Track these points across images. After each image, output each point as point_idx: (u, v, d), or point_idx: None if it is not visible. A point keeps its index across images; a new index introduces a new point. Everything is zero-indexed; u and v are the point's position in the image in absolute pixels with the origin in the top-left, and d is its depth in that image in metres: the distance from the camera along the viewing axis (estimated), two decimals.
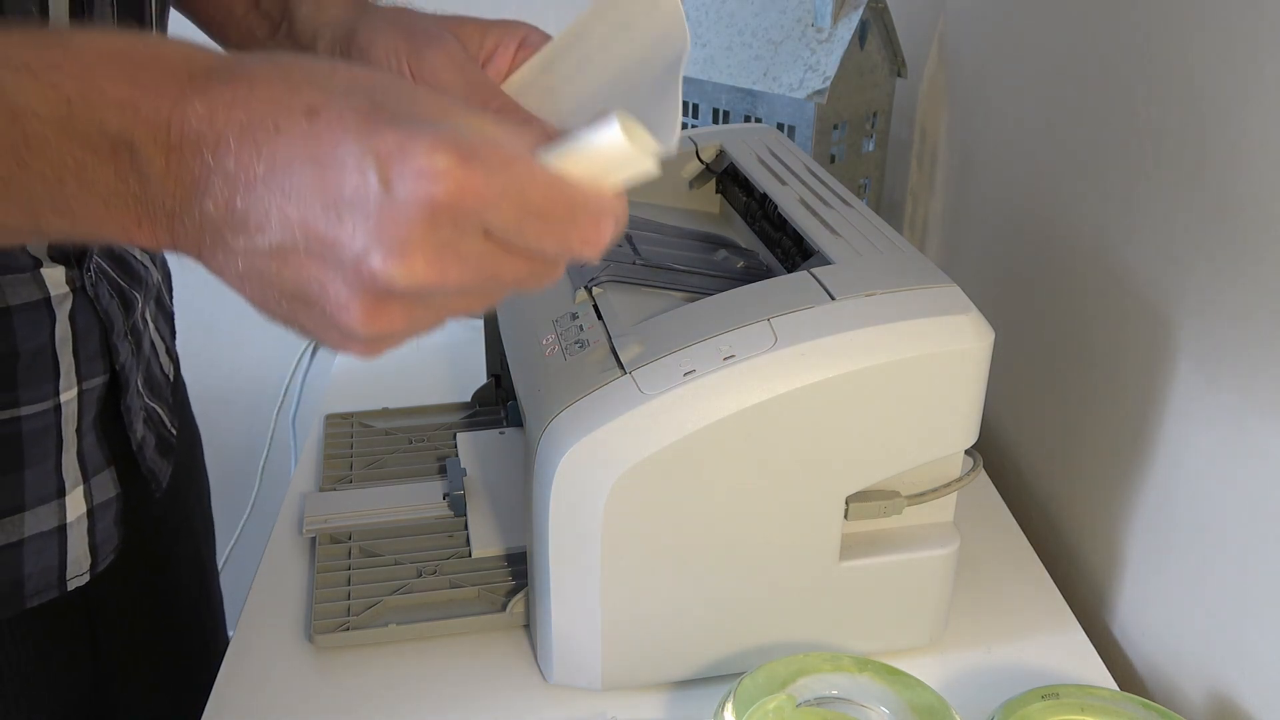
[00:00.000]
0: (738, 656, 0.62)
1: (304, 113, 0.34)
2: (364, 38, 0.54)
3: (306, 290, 0.35)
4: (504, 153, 0.34)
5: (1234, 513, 0.60)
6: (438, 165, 0.33)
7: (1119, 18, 0.71)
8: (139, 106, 0.35)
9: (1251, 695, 0.59)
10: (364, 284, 0.34)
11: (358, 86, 0.35)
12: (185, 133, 0.35)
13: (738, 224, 0.79)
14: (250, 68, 0.36)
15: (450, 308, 0.37)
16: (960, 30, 1.03)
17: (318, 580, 0.69)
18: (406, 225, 0.33)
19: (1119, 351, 0.72)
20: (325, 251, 0.34)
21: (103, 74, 0.35)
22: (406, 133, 0.33)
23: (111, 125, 0.35)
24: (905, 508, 0.61)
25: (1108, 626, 0.74)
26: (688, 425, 0.54)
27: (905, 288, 0.58)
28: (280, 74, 0.35)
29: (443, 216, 0.33)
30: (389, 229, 0.33)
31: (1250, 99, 0.57)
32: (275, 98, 0.34)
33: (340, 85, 0.35)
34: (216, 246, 0.36)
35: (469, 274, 0.35)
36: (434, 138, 0.33)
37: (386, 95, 0.35)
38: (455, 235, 0.34)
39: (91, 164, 0.35)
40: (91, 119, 0.35)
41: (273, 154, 0.34)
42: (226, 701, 0.62)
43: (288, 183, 0.34)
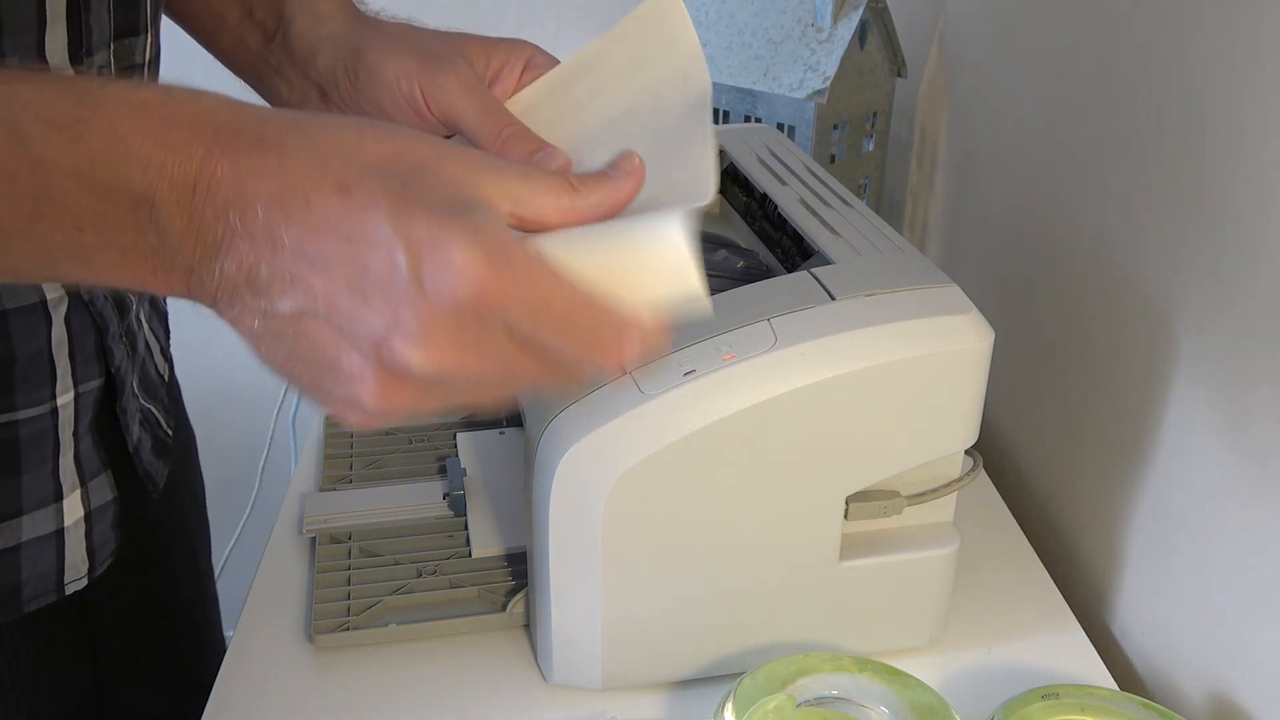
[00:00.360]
0: (738, 656, 0.62)
1: (336, 189, 0.35)
2: (372, 57, 0.54)
3: (321, 357, 0.36)
4: (531, 259, 0.35)
5: (1234, 513, 0.60)
6: (468, 265, 0.33)
7: (1119, 18, 0.71)
8: (164, 165, 0.35)
9: (1251, 695, 0.59)
10: (382, 362, 0.35)
11: (387, 161, 0.36)
12: (211, 195, 0.35)
13: (738, 224, 0.79)
14: (279, 134, 0.36)
15: (463, 395, 0.37)
16: (960, 30, 1.03)
17: (318, 580, 0.68)
18: (431, 316, 0.34)
19: (1119, 351, 0.72)
20: (347, 325, 0.35)
21: (128, 129, 0.35)
22: (439, 224, 0.34)
23: (135, 181, 0.35)
24: (905, 508, 0.61)
25: (1108, 626, 0.74)
26: (688, 425, 0.54)
27: (905, 288, 0.58)
28: (309, 143, 0.36)
29: (467, 313, 0.34)
30: (414, 317, 0.34)
31: (1250, 99, 0.57)
32: (306, 171, 0.35)
33: (370, 160, 0.36)
34: (234, 302, 0.36)
35: (486, 367, 0.36)
36: (465, 237, 0.34)
37: (415, 172, 0.36)
38: (477, 330, 0.35)
39: (112, 216, 0.36)
40: (115, 173, 0.35)
41: (303, 227, 0.34)
42: (226, 701, 0.62)
43: (316, 256, 0.35)
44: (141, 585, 0.69)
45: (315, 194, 0.35)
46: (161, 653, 0.72)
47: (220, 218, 0.35)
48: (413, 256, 0.34)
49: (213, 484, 0.83)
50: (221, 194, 0.35)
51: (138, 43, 0.56)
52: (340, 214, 0.34)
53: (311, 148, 0.36)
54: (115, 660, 0.67)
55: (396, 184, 0.35)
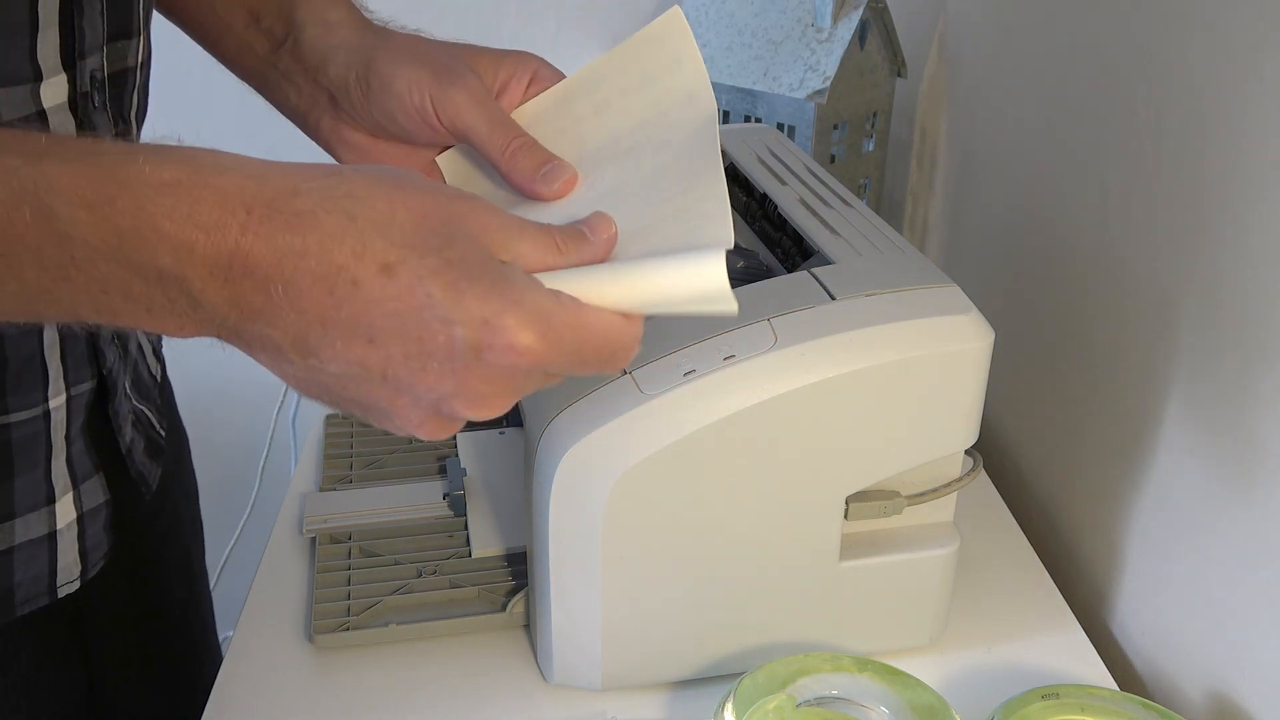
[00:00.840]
0: (738, 656, 0.62)
1: (381, 270, 0.37)
2: (384, 68, 0.54)
3: (376, 404, 0.40)
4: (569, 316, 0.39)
5: (1234, 512, 0.60)
6: (522, 340, 0.38)
7: (1119, 18, 0.71)
8: (194, 245, 0.36)
9: (1251, 695, 0.59)
10: (440, 414, 0.39)
11: (421, 231, 0.38)
12: (249, 271, 0.36)
13: (738, 224, 0.79)
14: (314, 210, 0.37)
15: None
16: (960, 30, 1.03)
17: (318, 580, 0.69)
18: (489, 384, 0.39)
19: (1119, 351, 0.72)
20: (406, 388, 0.38)
21: (156, 209, 0.36)
22: (490, 301, 0.37)
23: (164, 262, 0.36)
24: (905, 508, 0.61)
25: (1107, 626, 0.74)
26: (688, 425, 0.54)
27: (905, 288, 0.58)
28: (346, 222, 0.37)
29: (519, 377, 0.39)
30: (474, 385, 0.38)
31: (1250, 99, 0.57)
32: (349, 252, 0.37)
33: (408, 233, 0.38)
34: (276, 357, 0.39)
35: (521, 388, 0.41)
36: (517, 314, 0.38)
37: (447, 239, 0.38)
38: (524, 381, 0.40)
39: (138, 286, 0.37)
40: (143, 252, 0.36)
41: (353, 306, 0.37)
42: (226, 701, 0.62)
43: (370, 331, 0.37)
44: (134, 587, 0.69)
45: (361, 274, 0.37)
46: (155, 654, 0.72)
47: (261, 290, 0.37)
48: (472, 335, 0.37)
49: (213, 484, 0.83)
50: (261, 270, 0.36)
51: (130, 45, 0.56)
52: (390, 295, 0.37)
53: (349, 226, 0.37)
54: (109, 662, 0.67)
55: (436, 259, 0.37)
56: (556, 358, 0.39)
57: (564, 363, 0.40)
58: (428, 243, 0.38)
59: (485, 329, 0.37)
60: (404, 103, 0.53)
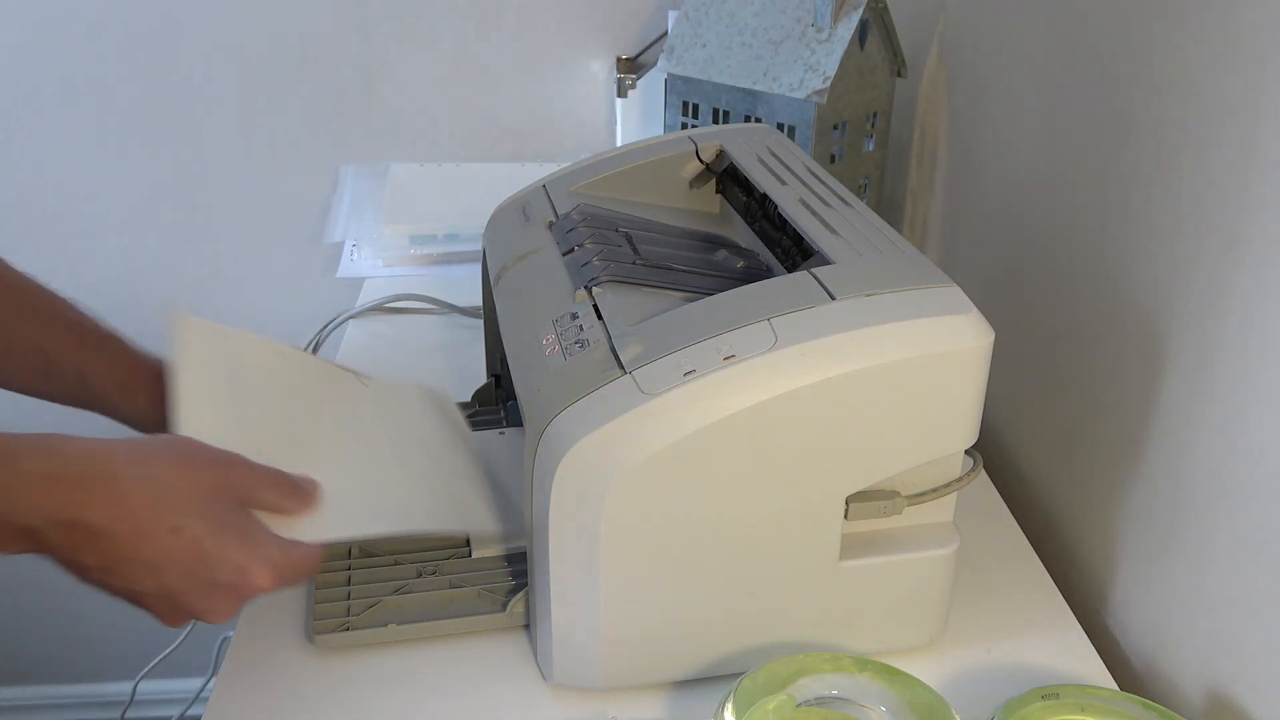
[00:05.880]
0: (738, 656, 0.62)
1: (170, 530, 0.54)
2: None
3: (144, 604, 0.56)
4: (295, 561, 0.58)
5: (1233, 512, 0.60)
6: (261, 583, 0.56)
7: (1119, 18, 0.71)
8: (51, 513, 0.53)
9: (1250, 694, 0.59)
10: (188, 616, 0.57)
11: (199, 504, 0.56)
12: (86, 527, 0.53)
13: (738, 224, 0.79)
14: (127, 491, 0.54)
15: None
16: (960, 30, 1.03)
17: (318, 580, 0.69)
18: (230, 603, 0.57)
19: (1119, 351, 0.72)
20: (170, 601, 0.56)
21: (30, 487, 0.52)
22: (244, 559, 0.56)
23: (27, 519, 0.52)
24: (905, 508, 0.61)
25: (1107, 626, 0.74)
26: (688, 425, 0.54)
27: (905, 288, 0.58)
28: (150, 497, 0.54)
29: (250, 598, 0.57)
30: (219, 604, 0.56)
31: (1250, 99, 0.57)
32: (150, 518, 0.54)
33: (192, 504, 0.55)
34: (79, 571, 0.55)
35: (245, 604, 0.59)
36: (259, 566, 0.56)
37: (222, 510, 0.56)
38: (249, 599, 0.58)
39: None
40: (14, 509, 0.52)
41: (153, 551, 0.54)
42: (226, 701, 0.62)
43: (156, 566, 0.54)
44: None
45: (158, 533, 0.54)
46: None
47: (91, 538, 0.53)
48: (229, 576, 0.56)
49: None
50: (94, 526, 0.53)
51: None
52: (176, 546, 0.54)
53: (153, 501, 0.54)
54: None
55: (207, 525, 0.55)
56: (281, 585, 0.58)
57: (285, 585, 0.58)
58: (203, 511, 0.55)
59: (238, 573, 0.56)
60: None
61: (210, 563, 0.55)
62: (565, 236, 0.72)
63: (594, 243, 0.69)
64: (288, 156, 1.40)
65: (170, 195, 1.41)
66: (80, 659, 1.72)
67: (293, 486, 0.61)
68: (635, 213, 0.78)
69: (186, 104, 1.36)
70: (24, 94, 1.34)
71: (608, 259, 0.67)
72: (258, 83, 1.36)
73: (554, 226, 0.74)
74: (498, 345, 0.81)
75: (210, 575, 0.55)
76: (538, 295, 0.67)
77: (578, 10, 1.35)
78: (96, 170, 1.38)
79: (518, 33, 1.35)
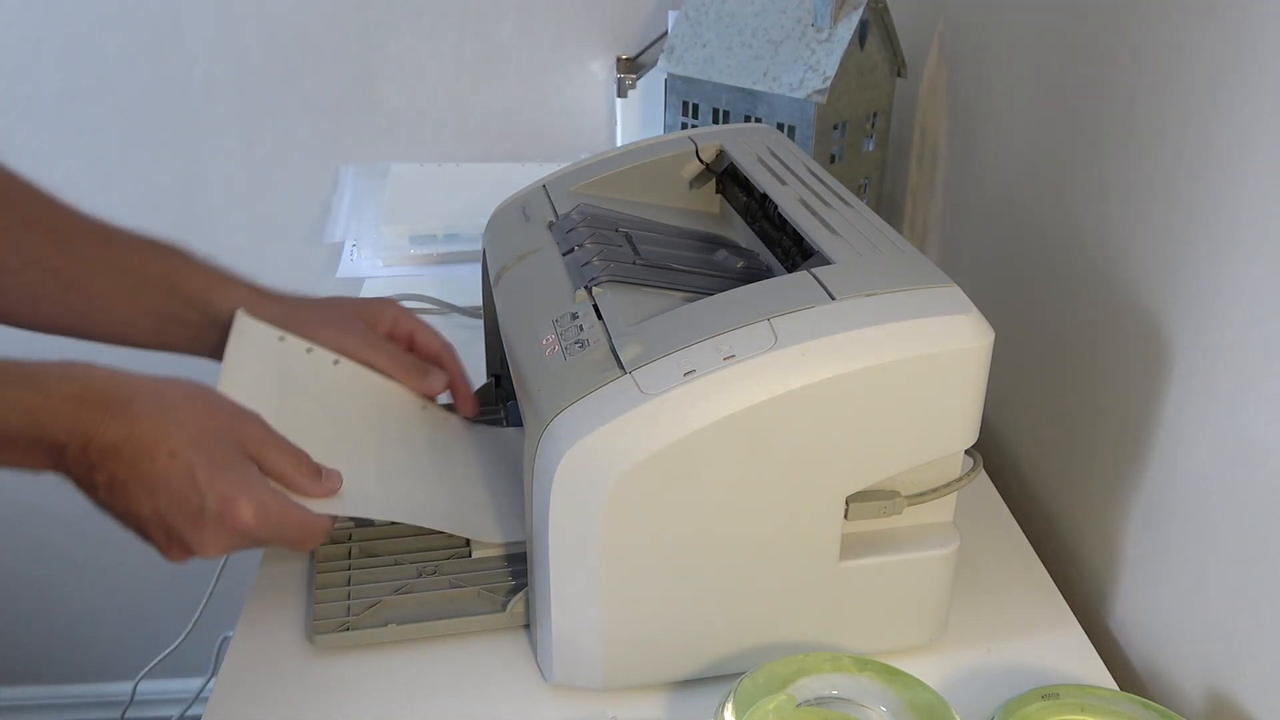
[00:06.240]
0: (738, 656, 0.62)
1: (168, 454, 0.57)
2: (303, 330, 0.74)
3: (140, 527, 0.59)
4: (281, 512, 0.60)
5: (1233, 512, 0.60)
6: (244, 517, 0.59)
7: (1118, 18, 0.71)
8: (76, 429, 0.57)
9: (1251, 695, 0.59)
10: (178, 545, 0.59)
11: (199, 436, 0.59)
12: (102, 443, 0.57)
13: (738, 224, 0.79)
14: (139, 412, 0.58)
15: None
16: (960, 30, 1.03)
17: (318, 580, 0.69)
18: (215, 536, 0.59)
19: (1119, 351, 0.72)
20: (161, 524, 0.59)
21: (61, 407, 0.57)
22: (231, 491, 0.58)
23: (53, 437, 0.57)
24: (905, 508, 0.61)
25: (1107, 626, 0.74)
26: (688, 425, 0.54)
27: (905, 288, 0.58)
28: (157, 420, 0.58)
29: (236, 537, 0.60)
30: (205, 535, 0.59)
31: (1250, 99, 0.57)
32: (153, 439, 0.57)
33: (190, 434, 0.58)
34: (91, 489, 0.58)
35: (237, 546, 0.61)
36: (245, 500, 0.59)
37: (218, 445, 0.59)
38: (238, 542, 0.60)
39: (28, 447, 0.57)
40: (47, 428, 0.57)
41: (149, 471, 0.57)
42: (226, 701, 0.62)
43: (153, 489, 0.58)
44: None
45: (157, 455, 0.58)
46: None
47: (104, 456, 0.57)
48: (214, 505, 0.58)
49: None
50: (107, 444, 0.57)
51: None
52: (171, 470, 0.58)
53: (158, 424, 0.58)
54: None
55: (202, 454, 0.58)
56: (263, 530, 0.60)
57: (267, 535, 0.60)
58: (200, 443, 0.59)
59: (224, 503, 0.58)
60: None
61: (199, 490, 0.58)
62: (565, 236, 0.72)
63: (594, 243, 0.69)
64: (288, 156, 1.40)
65: (170, 195, 1.41)
66: (80, 659, 1.72)
67: (311, 467, 0.64)
68: (635, 213, 0.78)
69: (186, 104, 1.36)
70: (24, 94, 1.34)
71: (608, 259, 0.67)
72: (258, 83, 1.36)
73: (554, 226, 0.74)
74: (498, 345, 0.81)
75: (199, 503, 0.58)
76: (538, 295, 0.67)
77: (578, 10, 1.35)
78: (96, 170, 1.38)
79: (518, 33, 1.35)
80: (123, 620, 1.68)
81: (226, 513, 0.58)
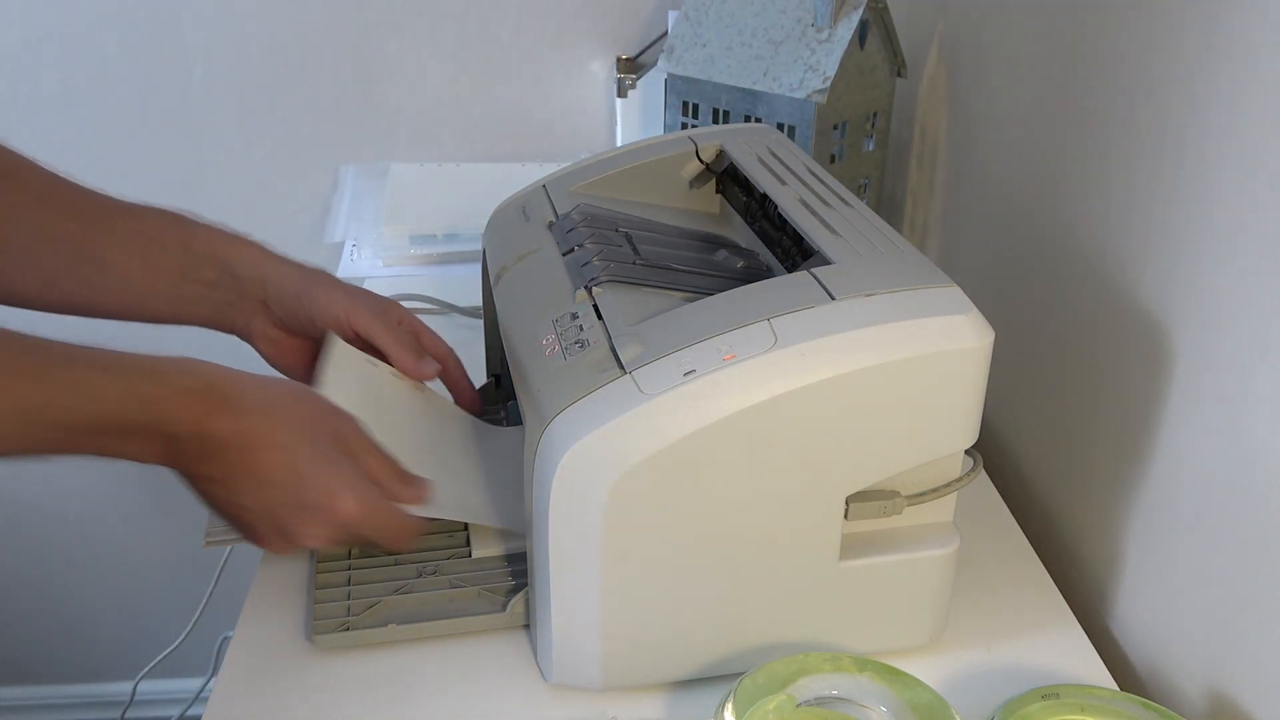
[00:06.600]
0: (738, 656, 0.62)
1: (277, 447, 0.59)
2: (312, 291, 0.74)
3: (247, 522, 0.61)
4: (381, 509, 0.62)
5: (1233, 512, 0.60)
6: (346, 510, 0.60)
7: (1119, 18, 0.71)
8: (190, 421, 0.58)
9: (1251, 695, 0.59)
10: (283, 538, 0.61)
11: (304, 433, 0.61)
12: (215, 435, 0.58)
13: (738, 224, 0.79)
14: (249, 407, 0.59)
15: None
16: (960, 30, 1.03)
17: (318, 580, 0.69)
18: (319, 528, 0.61)
19: (1119, 351, 0.72)
20: (268, 517, 0.61)
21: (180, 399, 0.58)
22: (335, 485, 0.60)
23: (177, 429, 0.57)
24: (905, 508, 0.61)
25: (1107, 626, 0.74)
26: (688, 425, 0.54)
27: (905, 288, 0.58)
28: (265, 416, 0.60)
29: (338, 526, 0.61)
30: (309, 527, 0.61)
31: (1250, 100, 0.57)
32: (260, 433, 0.59)
33: (297, 431, 0.61)
34: (207, 484, 0.60)
35: (336, 538, 0.62)
36: (348, 495, 0.60)
37: (322, 442, 0.61)
38: (338, 535, 0.62)
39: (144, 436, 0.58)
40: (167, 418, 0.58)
41: (260, 464, 0.59)
42: (226, 701, 0.62)
43: (261, 480, 0.60)
44: None
45: (267, 448, 0.59)
46: None
47: (217, 449, 0.58)
48: (318, 497, 0.60)
49: None
50: (219, 438, 0.58)
51: None
52: (278, 463, 0.60)
53: (266, 420, 0.60)
54: None
55: (309, 449, 0.60)
56: (363, 524, 0.61)
57: (365, 529, 0.62)
58: (305, 439, 0.61)
59: (326, 495, 0.60)
60: (326, 314, 0.73)
61: (304, 482, 0.60)
62: (565, 236, 0.72)
63: (594, 243, 0.69)
64: (288, 156, 1.40)
65: (170, 195, 1.40)
66: (80, 659, 1.72)
67: (403, 473, 0.66)
68: (635, 213, 0.78)
69: (186, 104, 1.36)
70: (24, 94, 1.34)
71: (608, 259, 0.67)
72: (258, 83, 1.36)
73: (554, 226, 0.74)
74: (498, 345, 0.81)
75: (302, 495, 0.60)
76: (538, 295, 0.67)
77: (578, 10, 1.35)
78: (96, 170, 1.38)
79: (518, 33, 1.35)
80: (123, 620, 1.68)
81: (329, 505, 0.60)
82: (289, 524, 0.60)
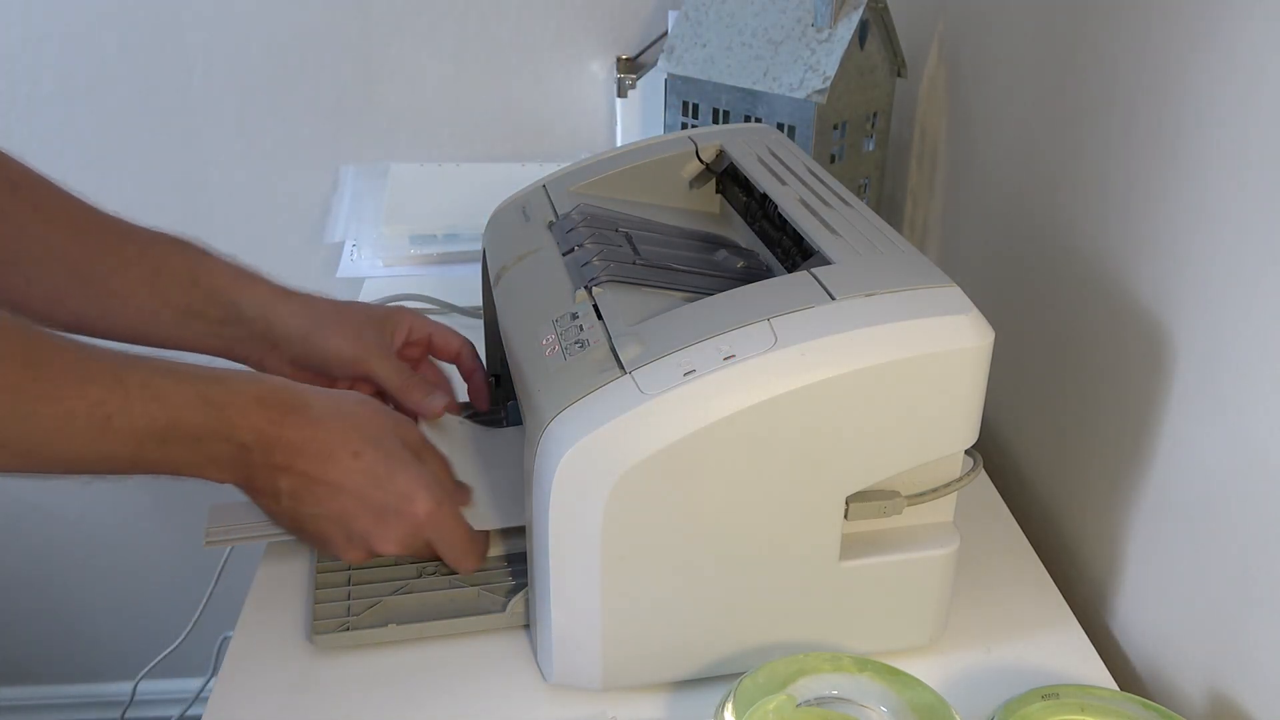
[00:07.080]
0: (738, 656, 0.62)
1: (352, 454, 0.61)
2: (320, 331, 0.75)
3: (319, 531, 0.63)
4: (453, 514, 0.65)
5: (1233, 512, 0.60)
6: (422, 510, 0.63)
7: (1118, 18, 0.71)
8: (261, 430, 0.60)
9: (1251, 695, 0.59)
10: (357, 543, 0.63)
11: (377, 437, 0.63)
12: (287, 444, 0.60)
13: (738, 224, 0.79)
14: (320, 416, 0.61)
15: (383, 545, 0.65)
16: (960, 30, 1.03)
17: (318, 580, 0.69)
18: (395, 530, 0.63)
19: (1118, 351, 0.72)
20: (344, 524, 0.63)
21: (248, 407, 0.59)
22: (410, 486, 0.63)
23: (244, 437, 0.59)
24: (905, 508, 0.61)
25: (1107, 626, 0.74)
26: (688, 425, 0.54)
27: (905, 288, 0.58)
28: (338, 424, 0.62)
29: (414, 529, 0.63)
30: (386, 530, 0.63)
31: (1250, 100, 0.57)
32: (337, 441, 0.61)
33: (369, 436, 0.62)
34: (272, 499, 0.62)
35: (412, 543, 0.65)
36: (423, 495, 0.63)
37: (395, 444, 0.63)
38: (410, 542, 0.64)
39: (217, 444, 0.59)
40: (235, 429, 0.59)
41: (335, 472, 0.61)
42: (226, 701, 0.62)
43: (339, 489, 0.61)
44: None
45: (342, 455, 0.61)
46: None
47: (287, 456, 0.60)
48: (394, 500, 0.62)
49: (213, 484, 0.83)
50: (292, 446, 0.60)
51: None
52: (355, 469, 0.61)
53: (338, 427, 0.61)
54: None
55: (382, 453, 0.62)
56: (437, 528, 0.64)
57: (435, 534, 0.64)
58: (379, 442, 0.62)
59: (403, 499, 0.62)
60: (335, 362, 0.75)
61: (381, 486, 0.61)
62: (565, 236, 0.72)
63: (594, 243, 0.69)
64: (288, 156, 1.40)
65: (170, 195, 1.41)
66: (80, 659, 1.72)
67: (452, 474, 0.69)
68: (635, 213, 0.78)
69: (186, 104, 1.36)
70: (24, 94, 1.34)
71: (608, 259, 0.67)
72: (258, 83, 1.36)
73: (554, 226, 0.74)
74: (498, 345, 0.81)
75: (379, 499, 0.61)
76: (538, 295, 0.67)
77: (578, 10, 1.35)
78: (96, 170, 1.38)
79: (518, 33, 1.35)
80: (123, 620, 1.68)
81: (405, 508, 0.61)
82: (367, 529, 0.61)
